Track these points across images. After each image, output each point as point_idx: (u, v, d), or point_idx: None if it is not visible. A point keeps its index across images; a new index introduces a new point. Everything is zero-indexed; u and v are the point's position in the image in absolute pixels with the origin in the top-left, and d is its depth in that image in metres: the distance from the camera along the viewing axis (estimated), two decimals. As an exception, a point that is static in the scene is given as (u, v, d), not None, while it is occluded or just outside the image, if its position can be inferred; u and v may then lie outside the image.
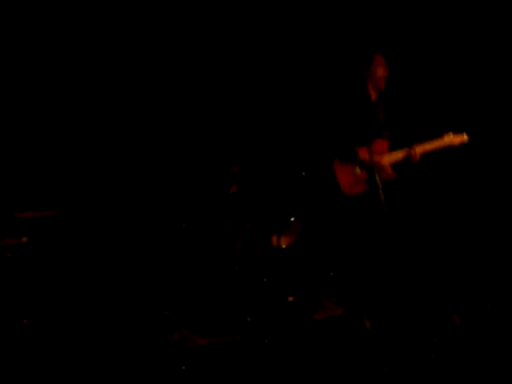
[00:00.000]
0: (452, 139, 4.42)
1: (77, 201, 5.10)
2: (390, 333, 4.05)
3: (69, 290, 4.53)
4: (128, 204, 5.26)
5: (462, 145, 4.42)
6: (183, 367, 3.73)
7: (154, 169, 5.40)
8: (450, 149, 4.42)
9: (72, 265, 4.72)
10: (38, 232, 4.54)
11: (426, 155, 4.43)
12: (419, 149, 4.39)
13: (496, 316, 4.31)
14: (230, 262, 4.71)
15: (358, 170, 4.47)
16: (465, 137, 4.43)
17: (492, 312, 4.36)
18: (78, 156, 5.24)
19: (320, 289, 4.71)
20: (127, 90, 5.38)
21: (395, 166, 4.45)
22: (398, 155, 4.44)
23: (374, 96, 4.60)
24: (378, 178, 4.23)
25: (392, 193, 4.39)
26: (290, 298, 4.53)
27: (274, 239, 4.79)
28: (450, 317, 4.26)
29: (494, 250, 5.15)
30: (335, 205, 4.65)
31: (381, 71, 4.52)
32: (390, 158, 4.45)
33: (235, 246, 4.79)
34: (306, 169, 4.96)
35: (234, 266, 4.63)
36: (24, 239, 4.41)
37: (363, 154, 4.37)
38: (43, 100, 5.16)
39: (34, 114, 5.13)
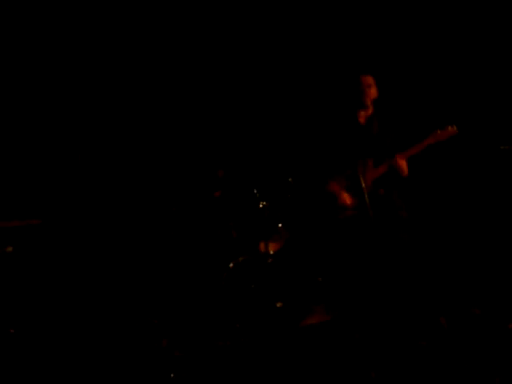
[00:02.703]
0: (437, 136, 4.35)
1: (60, 209, 5.08)
2: (378, 337, 4.05)
3: (54, 299, 4.51)
4: (111, 210, 5.23)
5: (452, 137, 4.34)
6: (172, 375, 3.71)
7: (138, 172, 5.38)
8: (439, 143, 4.34)
9: (57, 274, 4.70)
10: (23, 241, 4.51)
11: (417, 157, 4.38)
12: (401, 158, 4.33)
13: (483, 320, 4.32)
14: (218, 269, 4.70)
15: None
16: (454, 128, 4.34)
17: (479, 316, 4.37)
18: (60, 164, 5.22)
19: (309, 294, 4.70)
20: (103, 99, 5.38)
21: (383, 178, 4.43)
22: (380, 170, 4.40)
23: (362, 119, 4.46)
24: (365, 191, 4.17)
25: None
26: (279, 304, 4.52)
27: (262, 245, 4.80)
28: (437, 319, 4.26)
29: (482, 255, 5.14)
30: (323, 211, 4.63)
31: (367, 93, 4.33)
32: (373, 175, 4.41)
33: (223, 252, 4.78)
34: (294, 175, 4.95)
35: (223, 273, 4.62)
36: (9, 249, 4.38)
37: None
38: (29, 104, 5.15)
39: (19, 120, 5.11)
